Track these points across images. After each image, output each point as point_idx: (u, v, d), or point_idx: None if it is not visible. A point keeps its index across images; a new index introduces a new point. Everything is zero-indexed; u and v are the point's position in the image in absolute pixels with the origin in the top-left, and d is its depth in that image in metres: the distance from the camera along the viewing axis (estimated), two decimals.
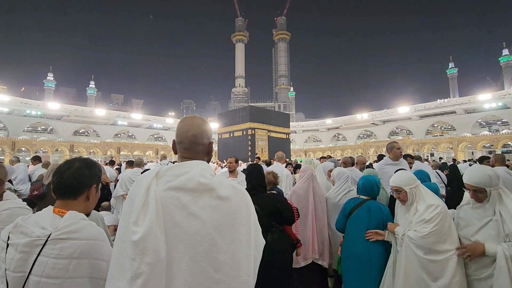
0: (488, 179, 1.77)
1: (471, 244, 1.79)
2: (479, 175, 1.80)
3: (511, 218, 1.70)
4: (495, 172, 1.82)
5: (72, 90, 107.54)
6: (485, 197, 1.81)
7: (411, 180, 2.08)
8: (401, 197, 2.08)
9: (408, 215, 2.08)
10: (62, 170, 1.13)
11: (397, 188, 2.09)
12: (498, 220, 1.74)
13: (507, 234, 1.70)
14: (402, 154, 3.66)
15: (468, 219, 1.90)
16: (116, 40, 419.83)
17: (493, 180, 1.77)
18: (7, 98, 38.32)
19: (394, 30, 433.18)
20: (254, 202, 2.31)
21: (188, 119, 1.12)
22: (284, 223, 2.29)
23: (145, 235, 0.83)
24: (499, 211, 1.75)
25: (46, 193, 3.73)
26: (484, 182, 1.78)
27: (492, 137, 35.05)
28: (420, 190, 2.07)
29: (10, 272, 0.96)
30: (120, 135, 48.65)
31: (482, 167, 1.89)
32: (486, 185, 1.77)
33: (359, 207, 2.39)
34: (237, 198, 0.97)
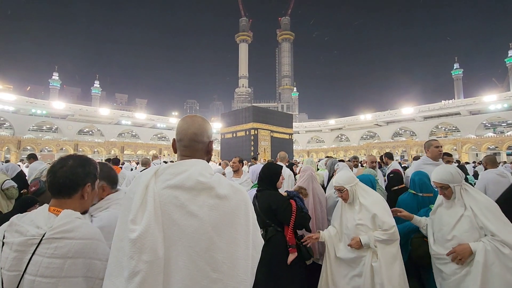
0: (450, 176, 1.95)
1: (458, 247, 1.83)
2: (442, 172, 1.99)
3: (481, 211, 1.82)
4: (457, 170, 1.99)
5: (77, 90, 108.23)
6: (451, 193, 1.96)
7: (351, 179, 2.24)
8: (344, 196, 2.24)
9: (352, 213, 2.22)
10: (55, 168, 1.12)
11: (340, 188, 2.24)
12: (470, 215, 1.85)
13: (481, 227, 1.81)
14: (441, 153, 3.34)
15: (443, 220, 2.00)
16: (120, 41, 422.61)
17: (455, 177, 1.94)
18: (13, 97, 38.74)
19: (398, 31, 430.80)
20: (257, 199, 2.27)
21: (188, 117, 1.12)
22: (280, 223, 2.26)
23: (143, 233, 0.83)
24: (470, 206, 1.87)
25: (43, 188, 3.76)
26: (447, 179, 1.95)
27: (497, 139, 34.68)
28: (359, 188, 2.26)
29: (5, 271, 0.96)
30: (124, 134, 48.93)
31: (445, 166, 2.09)
32: (449, 182, 1.94)
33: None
34: (236, 198, 0.97)
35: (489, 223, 1.77)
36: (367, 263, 2.04)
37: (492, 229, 1.75)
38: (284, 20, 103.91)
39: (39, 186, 3.74)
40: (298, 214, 2.23)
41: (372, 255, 2.05)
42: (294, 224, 2.21)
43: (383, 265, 1.97)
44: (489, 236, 1.77)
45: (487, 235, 1.78)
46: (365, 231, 2.09)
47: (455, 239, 1.88)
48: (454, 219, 1.92)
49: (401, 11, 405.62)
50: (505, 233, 1.72)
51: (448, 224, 1.95)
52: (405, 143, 41.81)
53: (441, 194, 2.03)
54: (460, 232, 1.87)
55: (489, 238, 1.76)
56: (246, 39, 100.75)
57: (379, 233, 2.03)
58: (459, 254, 1.80)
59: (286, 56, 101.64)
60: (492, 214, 1.80)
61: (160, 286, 0.83)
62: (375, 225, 2.08)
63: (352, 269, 2.13)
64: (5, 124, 37.98)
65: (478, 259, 1.72)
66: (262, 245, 1.07)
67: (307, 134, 59.70)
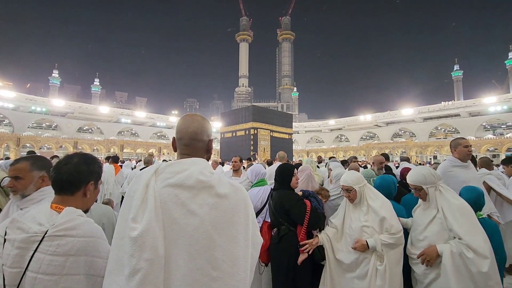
0: (423, 177, 1.98)
1: (427, 249, 1.86)
2: (415, 174, 2.03)
3: (452, 213, 1.84)
4: (430, 172, 2.00)
5: (76, 88, 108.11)
6: (425, 194, 1.99)
7: (360, 180, 2.18)
8: (351, 196, 2.17)
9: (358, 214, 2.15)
10: (60, 165, 1.13)
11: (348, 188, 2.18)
12: (441, 217, 1.88)
13: (450, 228, 1.83)
14: (470, 153, 3.01)
15: (418, 221, 2.05)
16: (120, 39, 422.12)
17: (428, 179, 1.97)
18: (13, 94, 38.71)
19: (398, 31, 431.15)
20: (272, 198, 2.29)
21: (188, 116, 1.12)
22: (293, 223, 2.26)
23: (144, 231, 0.83)
24: (441, 208, 1.90)
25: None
26: (419, 180, 1.99)
27: (496, 141, 34.75)
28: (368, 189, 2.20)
29: (7, 267, 0.96)
30: (124, 132, 48.92)
31: (419, 168, 2.11)
32: (422, 183, 1.98)
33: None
34: (235, 196, 0.97)
35: (456, 226, 1.79)
36: (372, 266, 2.00)
37: (459, 232, 1.77)
38: (284, 19, 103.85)
39: None
40: (312, 215, 2.22)
41: (376, 258, 2.01)
42: (308, 225, 2.20)
43: (388, 269, 1.94)
44: (456, 239, 1.79)
45: (456, 237, 1.80)
46: (370, 233, 2.04)
47: (426, 240, 1.91)
48: (427, 220, 1.96)
49: (402, 12, 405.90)
50: (472, 237, 1.74)
51: (421, 225, 1.98)
52: (405, 144, 41.88)
53: (416, 196, 2.07)
54: (430, 233, 1.90)
55: (456, 241, 1.78)
56: (246, 39, 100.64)
57: (386, 237, 1.98)
58: (427, 256, 1.84)
59: (286, 56, 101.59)
60: (462, 217, 1.81)
61: (161, 284, 0.83)
62: (382, 228, 2.03)
63: (352, 271, 2.09)
64: (4, 121, 37.94)
65: (444, 262, 1.76)
66: (261, 244, 1.07)
67: (307, 134, 59.74)
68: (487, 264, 1.68)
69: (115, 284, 0.85)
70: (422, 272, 1.92)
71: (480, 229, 1.80)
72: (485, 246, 1.73)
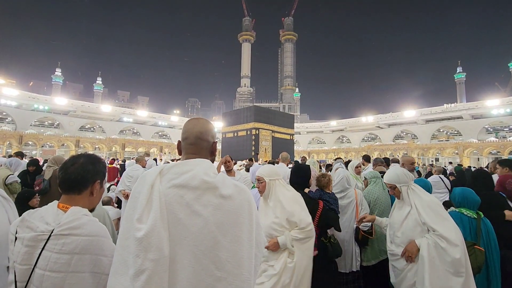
0: (396, 177, 2.14)
1: (408, 245, 1.98)
2: (390, 174, 2.20)
3: (423, 208, 1.99)
4: (403, 171, 2.17)
5: (79, 86, 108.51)
6: (399, 193, 2.15)
7: (273, 173, 2.19)
8: (260, 188, 2.20)
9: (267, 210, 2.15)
10: (67, 165, 1.16)
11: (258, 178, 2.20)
12: (414, 213, 2.02)
13: (423, 222, 1.97)
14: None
15: (394, 218, 2.17)
16: (123, 38, 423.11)
17: (401, 178, 2.12)
18: (16, 92, 38.84)
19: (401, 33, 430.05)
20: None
21: (193, 119, 1.16)
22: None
23: (149, 232, 0.84)
24: (414, 204, 2.05)
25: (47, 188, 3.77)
26: (393, 179, 2.15)
27: (499, 144, 34.56)
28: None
29: (18, 264, 1.01)
30: (125, 131, 49.00)
31: (394, 168, 2.27)
32: (395, 182, 2.14)
33: None
34: (239, 197, 0.98)
35: (429, 219, 1.94)
36: (282, 264, 1.97)
37: (432, 224, 1.92)
38: (287, 20, 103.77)
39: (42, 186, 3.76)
40: (322, 214, 2.32)
41: (288, 255, 1.99)
42: (317, 224, 2.30)
43: (297, 266, 1.95)
44: (431, 232, 1.93)
45: (430, 230, 1.94)
46: (280, 230, 2.01)
47: (402, 236, 2.03)
48: (402, 217, 2.09)
49: (404, 14, 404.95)
50: (443, 228, 1.89)
51: (398, 222, 2.11)
52: (407, 146, 41.74)
53: (391, 194, 2.22)
54: (406, 229, 2.03)
55: (431, 234, 1.92)
56: (249, 39, 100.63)
57: (297, 232, 1.97)
58: (408, 252, 1.94)
59: (288, 57, 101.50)
60: (433, 211, 1.97)
61: (166, 284, 0.84)
62: (291, 223, 2.01)
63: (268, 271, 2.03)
64: (7, 119, 38.10)
65: (422, 254, 1.88)
66: (265, 244, 1.08)
67: (308, 135, 59.67)
68: (458, 252, 1.82)
69: (119, 285, 0.86)
70: (403, 267, 2.02)
71: (450, 220, 1.96)
72: (456, 235, 1.88)
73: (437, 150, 39.81)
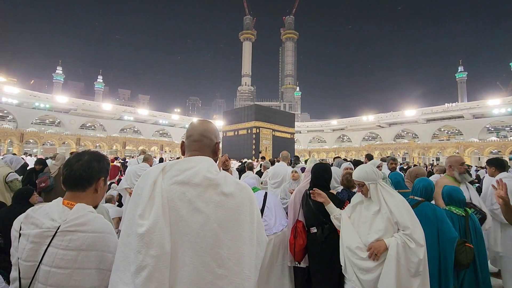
0: (365, 174, 2.12)
1: (376, 243, 1.96)
2: (359, 171, 2.17)
3: (396, 207, 1.98)
4: (372, 169, 2.16)
5: (80, 84, 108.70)
6: (367, 190, 2.12)
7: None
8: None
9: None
10: (72, 162, 1.16)
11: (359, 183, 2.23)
12: (386, 211, 2.00)
13: (395, 222, 1.96)
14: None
15: (362, 216, 2.14)
16: (124, 37, 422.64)
17: (369, 175, 2.11)
18: (17, 90, 38.91)
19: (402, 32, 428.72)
20: (310, 198, 2.37)
21: (197, 120, 1.18)
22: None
23: (151, 228, 0.84)
24: (386, 203, 2.03)
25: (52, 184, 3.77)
26: (362, 176, 2.13)
27: (499, 143, 34.52)
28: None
29: (22, 261, 1.00)
30: (126, 130, 49.04)
31: (363, 166, 2.26)
32: (364, 179, 2.12)
33: (414, 208, 2.40)
34: (241, 195, 0.98)
35: (402, 219, 1.95)
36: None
37: (405, 224, 1.92)
38: (288, 19, 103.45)
39: (49, 183, 3.77)
40: None
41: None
42: None
43: None
44: (401, 232, 1.93)
45: (400, 230, 1.95)
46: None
47: (372, 235, 2.01)
48: (371, 215, 2.08)
49: (405, 13, 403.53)
50: (414, 228, 1.91)
51: (366, 221, 2.09)
52: (407, 145, 41.72)
53: (358, 191, 2.21)
54: (376, 228, 2.01)
55: (401, 233, 1.92)
56: (250, 38, 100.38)
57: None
58: (375, 250, 1.93)
59: (289, 56, 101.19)
60: (405, 210, 1.98)
61: (167, 280, 0.84)
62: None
63: None
64: (8, 117, 38.15)
65: (391, 253, 1.88)
66: (267, 243, 1.08)
67: (309, 134, 59.64)
68: (422, 252, 1.87)
69: (121, 281, 0.86)
70: (368, 266, 1.99)
71: (418, 220, 1.99)
72: (422, 235, 1.92)
73: (438, 150, 39.75)
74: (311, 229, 2.43)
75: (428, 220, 2.30)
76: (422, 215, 2.35)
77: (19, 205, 2.50)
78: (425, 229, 2.30)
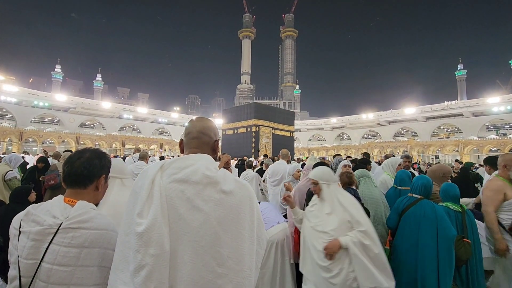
0: (321, 173, 2.21)
1: (330, 242, 1.98)
2: (315, 171, 2.26)
3: (350, 206, 2.07)
4: (328, 170, 2.25)
5: (79, 83, 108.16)
6: (319, 190, 2.20)
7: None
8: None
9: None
10: (73, 159, 1.15)
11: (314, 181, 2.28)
12: (340, 210, 2.07)
13: (349, 220, 2.03)
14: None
15: (317, 215, 2.19)
16: (123, 35, 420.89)
17: (324, 175, 2.19)
18: (16, 89, 38.75)
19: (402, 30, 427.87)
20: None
21: (196, 118, 1.18)
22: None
23: (150, 227, 0.84)
24: (339, 202, 2.10)
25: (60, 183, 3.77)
26: (317, 175, 2.21)
27: (499, 141, 34.51)
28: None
29: (23, 259, 0.98)
30: (126, 128, 48.92)
31: (321, 166, 2.37)
32: (318, 178, 2.20)
33: (413, 206, 2.45)
34: (241, 193, 0.97)
35: (358, 217, 2.02)
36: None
37: (360, 221, 2.00)
38: (288, 17, 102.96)
39: (58, 181, 3.75)
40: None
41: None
42: None
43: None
44: (355, 230, 1.99)
45: (354, 228, 2.00)
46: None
47: (328, 233, 2.04)
48: (324, 215, 2.13)
49: (405, 11, 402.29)
50: (367, 225, 2.01)
51: (323, 219, 2.13)
52: (407, 143, 41.72)
53: (312, 190, 2.27)
54: (332, 226, 2.05)
55: (354, 232, 1.99)
56: (249, 36, 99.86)
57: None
58: (330, 249, 1.96)
59: (289, 53, 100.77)
60: (356, 209, 2.07)
61: (166, 280, 0.84)
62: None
63: None
64: (7, 115, 38.01)
65: (354, 251, 1.93)
66: (266, 241, 1.07)
67: (309, 132, 59.57)
68: (378, 247, 1.96)
69: (120, 281, 0.85)
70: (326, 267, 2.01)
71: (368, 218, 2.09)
72: (375, 232, 2.02)
73: (437, 148, 39.76)
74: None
75: (427, 218, 2.31)
76: (421, 213, 2.36)
77: (17, 204, 2.50)
78: (424, 227, 2.31)
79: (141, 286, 0.79)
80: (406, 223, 2.44)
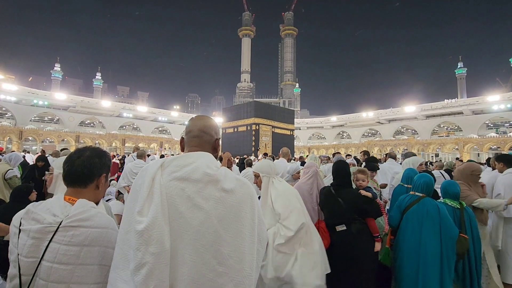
0: (261, 167, 2.28)
1: None
2: (260, 163, 2.36)
3: (276, 198, 2.13)
4: (269, 164, 2.32)
5: (78, 81, 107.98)
6: (260, 182, 2.26)
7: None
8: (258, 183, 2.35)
9: None
10: (73, 158, 1.14)
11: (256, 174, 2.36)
12: (270, 204, 2.14)
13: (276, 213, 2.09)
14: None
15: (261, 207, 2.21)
16: (123, 34, 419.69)
17: (264, 168, 2.26)
18: (15, 87, 38.69)
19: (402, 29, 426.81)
20: (338, 195, 2.43)
21: (197, 116, 1.17)
22: (367, 216, 2.47)
23: (150, 225, 0.83)
24: (270, 194, 2.18)
25: None
26: (258, 168, 2.30)
27: (499, 139, 34.50)
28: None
29: (23, 257, 0.98)
30: (125, 127, 48.90)
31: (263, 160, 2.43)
32: (259, 171, 2.28)
33: (416, 204, 2.46)
34: (241, 191, 0.97)
35: (279, 209, 2.08)
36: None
37: (281, 213, 2.07)
38: (287, 15, 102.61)
39: None
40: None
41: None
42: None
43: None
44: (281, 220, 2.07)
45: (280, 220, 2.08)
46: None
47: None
48: (263, 207, 2.18)
49: (405, 9, 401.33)
50: (287, 216, 2.06)
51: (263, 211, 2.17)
52: (407, 141, 41.70)
53: (254, 182, 2.34)
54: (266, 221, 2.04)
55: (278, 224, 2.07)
56: (249, 34, 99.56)
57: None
58: None
59: (288, 52, 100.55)
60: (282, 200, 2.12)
61: (167, 278, 0.83)
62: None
63: None
64: (7, 114, 37.98)
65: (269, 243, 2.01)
66: (267, 240, 1.07)
67: (309, 131, 59.53)
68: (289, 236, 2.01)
69: (120, 279, 0.85)
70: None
71: (295, 208, 2.12)
72: (296, 222, 2.04)
73: (438, 146, 39.75)
74: (338, 227, 2.42)
75: (430, 216, 2.32)
76: (424, 211, 2.36)
77: (18, 203, 2.49)
78: (426, 225, 2.32)
79: (141, 285, 0.79)
80: (409, 221, 2.44)
